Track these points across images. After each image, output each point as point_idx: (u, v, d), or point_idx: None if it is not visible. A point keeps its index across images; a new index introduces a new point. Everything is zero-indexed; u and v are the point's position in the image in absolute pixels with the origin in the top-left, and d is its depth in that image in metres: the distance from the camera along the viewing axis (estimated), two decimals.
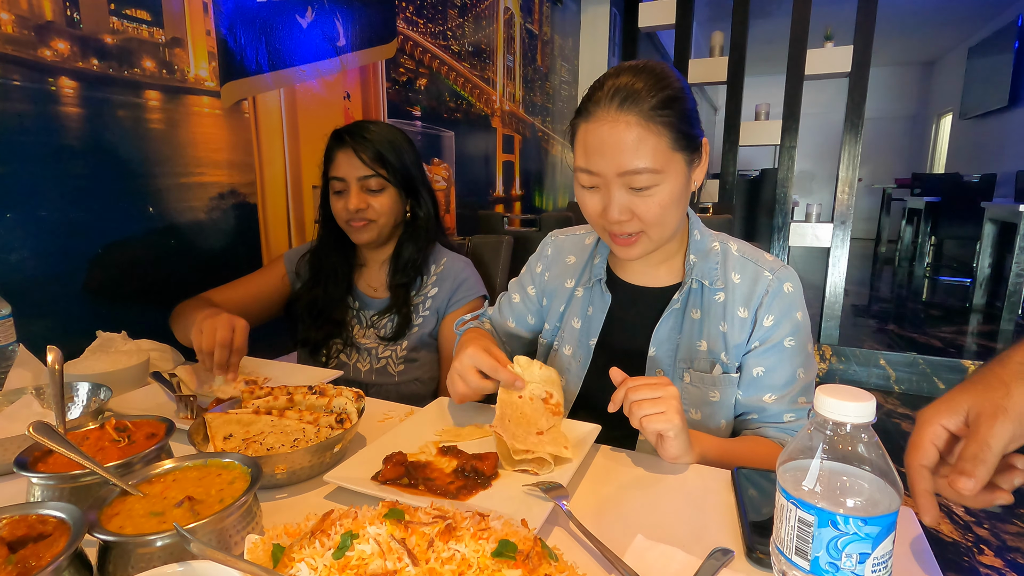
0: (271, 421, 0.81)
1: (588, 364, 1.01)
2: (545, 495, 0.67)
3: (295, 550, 0.49)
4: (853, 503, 0.44)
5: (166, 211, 1.41)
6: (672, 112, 0.80)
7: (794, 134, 3.57)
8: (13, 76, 1.10)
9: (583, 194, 0.88)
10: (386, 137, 1.27)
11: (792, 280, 0.92)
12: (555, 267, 1.10)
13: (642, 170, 0.80)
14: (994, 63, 6.79)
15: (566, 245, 1.10)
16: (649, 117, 0.79)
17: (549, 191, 4.38)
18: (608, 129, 0.80)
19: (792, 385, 0.90)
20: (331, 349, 1.34)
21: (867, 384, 3.35)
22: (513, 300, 1.14)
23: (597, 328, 1.01)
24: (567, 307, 1.06)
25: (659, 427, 0.73)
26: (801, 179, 9.63)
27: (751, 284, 0.92)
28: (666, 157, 0.81)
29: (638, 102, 0.79)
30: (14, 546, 0.49)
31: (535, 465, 0.74)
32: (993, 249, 4.52)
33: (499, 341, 1.14)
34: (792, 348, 0.90)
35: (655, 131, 0.80)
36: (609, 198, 0.83)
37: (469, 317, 1.17)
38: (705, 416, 0.93)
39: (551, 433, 0.79)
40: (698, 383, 0.92)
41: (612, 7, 4.72)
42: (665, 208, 0.83)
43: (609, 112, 0.80)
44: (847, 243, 3.48)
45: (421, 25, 2.53)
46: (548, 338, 1.09)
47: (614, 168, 0.81)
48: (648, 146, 0.79)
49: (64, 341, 0.87)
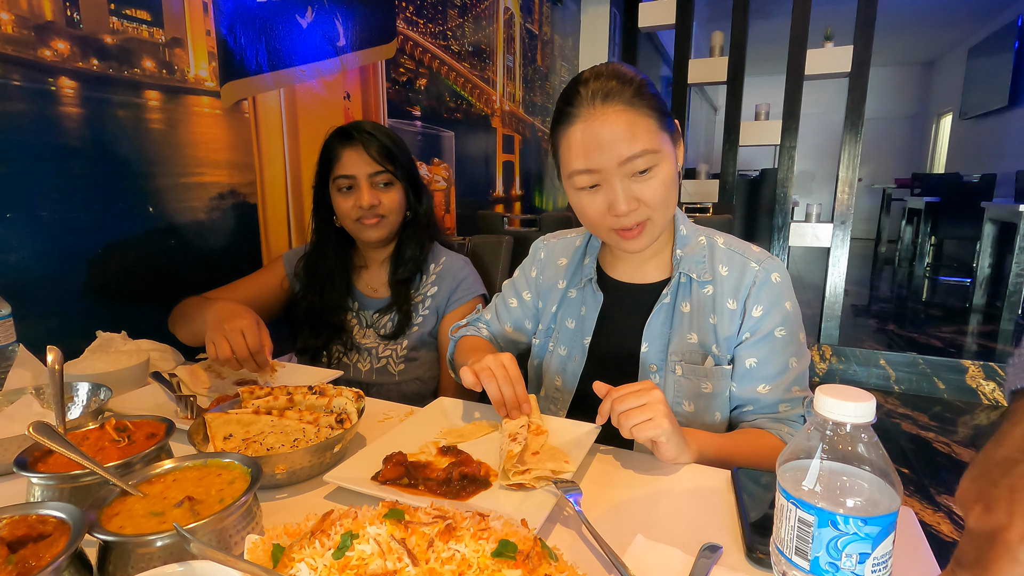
0: (271, 421, 0.81)
1: (584, 363, 1.01)
2: (558, 491, 0.67)
3: (295, 550, 0.49)
4: (853, 503, 0.44)
5: (166, 211, 1.41)
6: (650, 96, 0.85)
7: (794, 134, 3.57)
8: (13, 76, 1.10)
9: (582, 197, 0.88)
10: (387, 134, 1.28)
11: (779, 270, 0.93)
12: (548, 270, 1.11)
13: (640, 153, 0.83)
14: (994, 63, 6.79)
15: (557, 248, 1.12)
16: (633, 103, 0.83)
17: (549, 191, 4.38)
18: (599, 124, 0.83)
19: (785, 375, 0.91)
20: (332, 354, 1.34)
21: (867, 384, 3.35)
22: (510, 305, 1.15)
23: (591, 328, 1.02)
24: (560, 308, 1.08)
25: (650, 434, 0.73)
26: (801, 179, 9.62)
27: (739, 276, 0.93)
28: (658, 137, 0.85)
29: (618, 93, 0.83)
30: (14, 546, 0.49)
31: (535, 481, 0.71)
32: (993, 249, 4.52)
33: (497, 348, 1.15)
34: (783, 338, 0.91)
35: (643, 114, 0.83)
36: (614, 192, 0.85)
37: (464, 323, 1.17)
38: (699, 408, 0.93)
39: (545, 450, 0.77)
40: (690, 375, 0.93)
41: (612, 7, 4.72)
42: (667, 187, 0.86)
43: (595, 109, 0.83)
44: (847, 243, 3.48)
45: (421, 25, 2.53)
46: (542, 338, 1.10)
47: (614, 158, 0.83)
48: (641, 129, 0.83)
49: (64, 341, 0.88)
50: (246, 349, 0.98)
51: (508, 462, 0.72)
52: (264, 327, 1.03)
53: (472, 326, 1.17)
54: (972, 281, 4.98)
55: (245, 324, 0.99)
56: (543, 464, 0.72)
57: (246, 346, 0.98)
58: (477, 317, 1.18)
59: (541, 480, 0.70)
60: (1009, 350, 3.61)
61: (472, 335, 1.15)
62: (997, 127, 6.80)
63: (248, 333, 0.98)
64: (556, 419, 0.88)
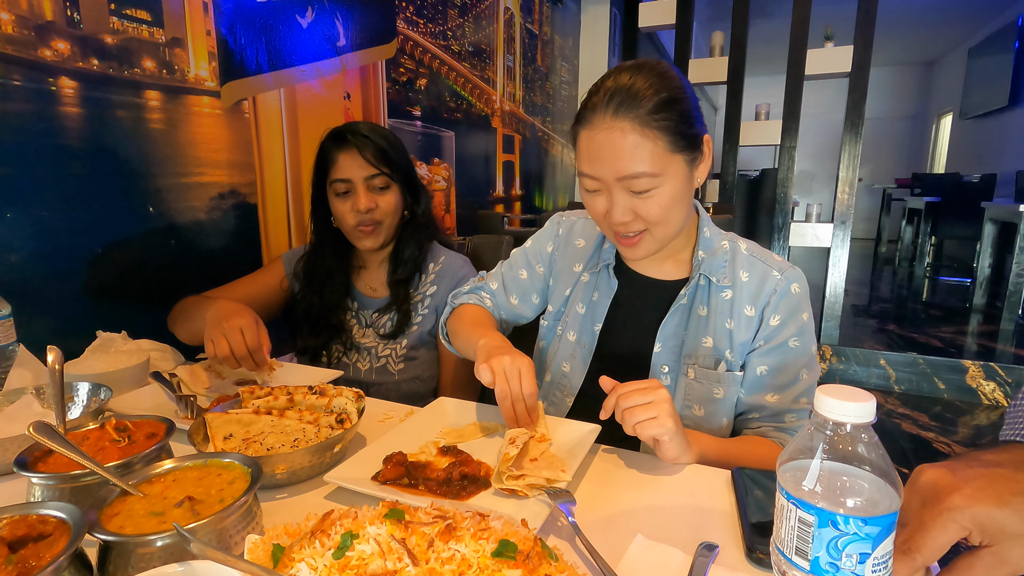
0: (271, 421, 0.81)
1: (593, 350, 1.01)
2: (551, 501, 0.66)
3: (295, 550, 0.49)
4: (853, 503, 0.44)
5: (166, 211, 1.41)
6: (669, 115, 0.81)
7: (794, 134, 3.57)
8: (13, 76, 1.10)
9: (587, 197, 0.90)
10: (383, 135, 1.27)
11: (800, 281, 0.93)
12: (565, 248, 1.09)
13: (640, 174, 0.81)
14: (994, 63, 6.79)
15: (576, 228, 1.10)
16: (645, 122, 0.80)
17: (549, 191, 4.38)
18: (604, 136, 0.81)
19: (795, 386, 0.90)
20: (331, 353, 1.34)
21: (867, 384, 3.35)
22: (519, 277, 1.11)
23: (602, 314, 1.01)
24: (572, 291, 1.06)
25: (653, 432, 0.73)
26: (801, 179, 9.62)
27: (759, 283, 0.93)
28: (664, 160, 0.82)
29: (633, 107, 0.80)
30: (14, 546, 0.49)
31: (528, 489, 0.70)
32: (993, 249, 4.52)
33: (498, 320, 1.11)
34: (796, 348, 0.90)
35: (651, 136, 0.80)
36: (612, 201, 0.85)
37: (466, 289, 1.13)
38: (708, 413, 0.93)
39: (544, 457, 0.77)
40: (702, 379, 0.92)
41: (612, 7, 4.72)
42: (666, 208, 0.84)
43: (605, 119, 0.81)
44: (847, 243, 3.48)
45: (421, 25, 2.53)
46: (550, 321, 1.09)
47: (613, 173, 0.82)
48: (645, 151, 0.80)
49: (64, 341, 0.87)
50: (244, 347, 0.98)
51: (503, 464, 0.71)
52: (263, 326, 1.03)
53: (474, 294, 1.13)
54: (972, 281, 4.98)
55: (244, 323, 0.99)
56: (539, 472, 0.71)
57: (245, 344, 0.98)
58: (481, 285, 1.14)
59: (534, 488, 0.69)
60: (1009, 350, 3.61)
61: (474, 304, 1.10)
62: (997, 127, 6.80)
63: (247, 331, 0.99)
64: (557, 419, 0.88)
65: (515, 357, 0.82)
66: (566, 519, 0.63)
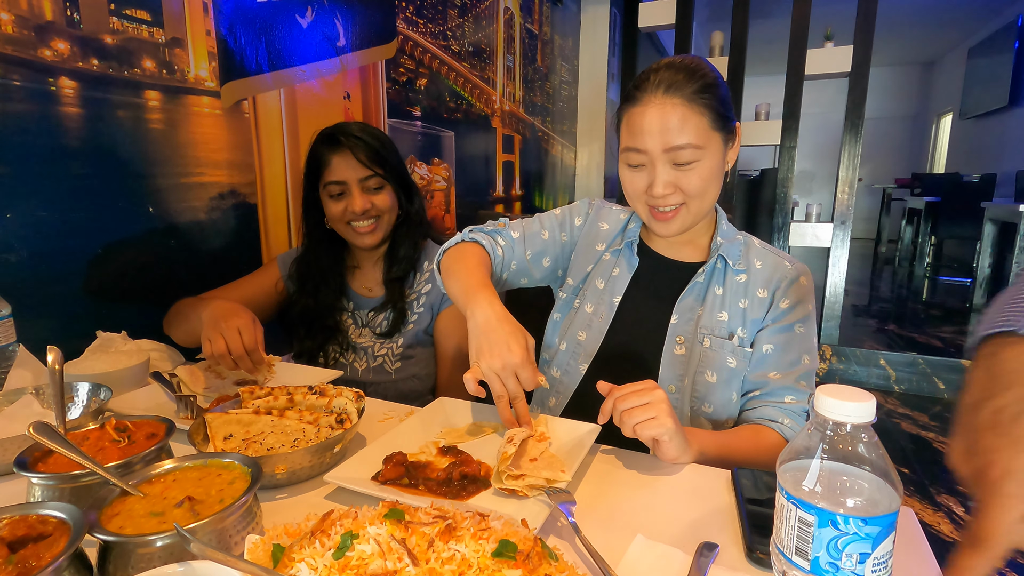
0: (271, 421, 0.81)
1: (611, 320, 1.04)
2: (550, 502, 0.66)
3: (295, 550, 0.49)
4: (853, 503, 0.44)
5: (166, 211, 1.41)
6: (711, 96, 0.90)
7: (794, 134, 3.57)
8: (13, 76, 1.10)
9: (628, 173, 0.96)
10: (374, 135, 1.27)
11: (807, 275, 1.01)
12: (591, 227, 1.13)
13: (686, 146, 0.89)
14: (994, 63, 6.79)
15: (603, 212, 1.15)
16: (691, 99, 0.89)
17: (549, 191, 4.37)
18: (655, 111, 0.89)
19: (796, 367, 0.95)
20: (328, 354, 1.34)
21: (867, 384, 3.35)
22: (541, 235, 1.10)
23: (622, 288, 1.05)
24: (593, 268, 1.10)
25: (652, 433, 0.74)
26: (801, 179, 9.61)
27: (771, 270, 1.00)
28: (707, 135, 0.90)
29: (681, 87, 0.89)
30: (14, 546, 0.49)
31: (528, 489, 0.70)
32: (993, 249, 4.52)
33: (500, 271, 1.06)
34: (801, 334, 0.97)
35: (697, 111, 0.89)
36: (655, 174, 0.92)
37: (488, 228, 1.08)
38: (720, 381, 0.96)
39: (544, 457, 0.77)
40: (717, 348, 0.97)
41: (612, 7, 4.71)
42: (706, 181, 0.92)
43: (656, 96, 0.90)
44: (847, 243, 3.48)
45: (421, 25, 2.53)
46: (568, 294, 1.12)
47: (661, 144, 0.90)
48: (691, 124, 0.89)
49: (64, 341, 0.87)
50: (241, 346, 0.98)
51: (502, 464, 0.71)
52: (260, 326, 1.03)
53: (490, 236, 1.06)
54: (972, 281, 4.98)
55: (241, 322, 1.00)
56: (538, 472, 0.71)
57: (242, 343, 0.98)
58: (500, 230, 1.09)
59: (534, 489, 0.69)
60: None
61: (481, 249, 1.03)
62: (997, 127, 6.80)
63: (244, 331, 0.99)
64: (557, 419, 0.88)
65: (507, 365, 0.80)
66: (566, 519, 0.63)
